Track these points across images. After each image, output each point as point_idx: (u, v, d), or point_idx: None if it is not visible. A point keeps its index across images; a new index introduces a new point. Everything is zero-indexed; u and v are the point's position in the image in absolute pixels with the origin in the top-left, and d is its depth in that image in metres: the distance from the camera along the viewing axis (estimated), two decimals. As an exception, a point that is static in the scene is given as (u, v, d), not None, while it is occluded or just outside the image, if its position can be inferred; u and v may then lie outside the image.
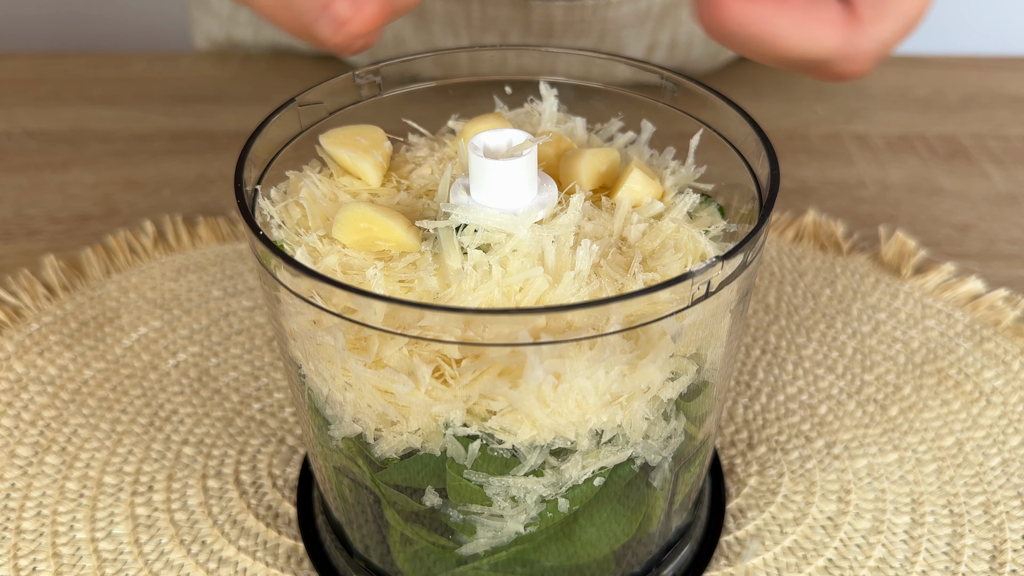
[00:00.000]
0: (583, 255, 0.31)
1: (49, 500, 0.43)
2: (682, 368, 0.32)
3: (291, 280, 0.30)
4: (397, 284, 0.31)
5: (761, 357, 0.51)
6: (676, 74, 0.38)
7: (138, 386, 0.48)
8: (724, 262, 0.30)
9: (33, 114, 0.71)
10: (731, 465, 0.45)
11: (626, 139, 0.39)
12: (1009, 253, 0.59)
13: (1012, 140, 0.69)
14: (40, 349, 0.50)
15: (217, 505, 0.43)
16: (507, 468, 0.32)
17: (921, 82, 0.76)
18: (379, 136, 0.37)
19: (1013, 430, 0.46)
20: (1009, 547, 0.41)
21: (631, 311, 0.29)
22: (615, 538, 0.36)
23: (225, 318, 0.53)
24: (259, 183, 0.35)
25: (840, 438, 0.46)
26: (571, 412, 0.31)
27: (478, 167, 0.33)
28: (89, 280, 0.55)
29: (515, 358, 0.30)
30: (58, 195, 0.63)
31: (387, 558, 0.38)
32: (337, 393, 0.33)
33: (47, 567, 0.40)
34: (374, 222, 0.32)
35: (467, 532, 0.34)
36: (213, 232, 0.59)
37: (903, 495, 0.44)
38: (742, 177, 0.36)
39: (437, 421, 0.31)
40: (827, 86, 0.75)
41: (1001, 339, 0.51)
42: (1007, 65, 0.79)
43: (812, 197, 0.63)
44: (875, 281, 0.55)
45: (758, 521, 0.43)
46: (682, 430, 0.34)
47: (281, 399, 0.48)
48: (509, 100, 0.41)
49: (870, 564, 0.41)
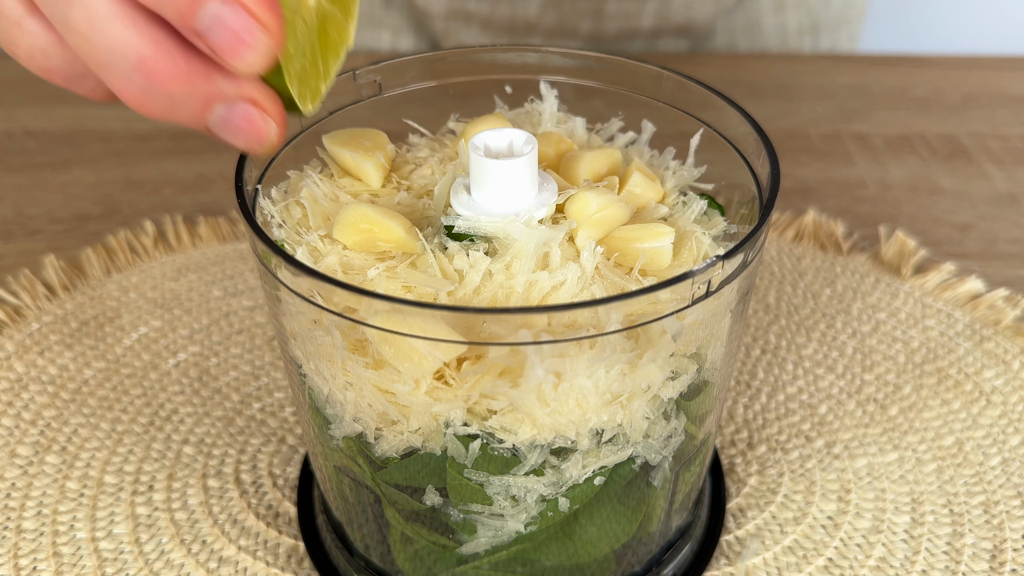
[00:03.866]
0: (587, 256, 0.31)
1: (49, 499, 0.43)
2: (682, 367, 0.32)
3: (292, 279, 0.30)
4: (400, 286, 0.31)
5: (761, 357, 0.51)
6: (676, 74, 0.38)
7: (138, 386, 0.48)
8: (724, 262, 0.30)
9: (33, 114, 0.71)
10: (731, 465, 0.45)
11: (626, 139, 0.39)
12: (1009, 253, 0.59)
13: (1012, 140, 0.69)
14: (40, 349, 0.50)
15: (217, 504, 0.43)
16: (507, 467, 0.32)
17: (921, 82, 0.76)
18: (382, 139, 0.37)
19: (1013, 430, 0.46)
20: (1009, 546, 0.41)
21: (631, 310, 0.29)
22: (615, 537, 0.36)
23: (225, 318, 0.53)
24: (260, 183, 0.35)
25: (840, 438, 0.46)
26: (571, 411, 0.31)
27: (478, 167, 0.33)
28: (89, 280, 0.55)
29: (516, 357, 0.30)
30: (58, 195, 0.63)
31: (387, 557, 0.38)
32: (338, 392, 0.33)
33: (47, 567, 0.40)
34: (374, 223, 0.32)
35: (468, 531, 0.34)
36: (213, 232, 0.59)
37: (903, 495, 0.44)
38: (742, 177, 0.36)
39: (438, 420, 0.31)
40: (827, 86, 0.75)
41: (1001, 339, 0.51)
42: (1007, 65, 0.79)
43: (812, 197, 0.63)
44: (875, 281, 0.55)
45: (758, 520, 0.43)
46: (682, 429, 0.34)
47: (281, 398, 0.48)
48: (509, 100, 0.41)
49: (870, 564, 0.41)
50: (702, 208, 0.35)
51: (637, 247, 0.32)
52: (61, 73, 0.30)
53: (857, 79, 0.77)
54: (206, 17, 0.26)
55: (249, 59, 0.27)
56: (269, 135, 0.29)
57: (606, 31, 0.77)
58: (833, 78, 0.77)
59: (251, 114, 0.29)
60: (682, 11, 0.76)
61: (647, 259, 0.32)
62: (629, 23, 0.76)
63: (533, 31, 0.77)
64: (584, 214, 0.33)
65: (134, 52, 0.27)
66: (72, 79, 0.30)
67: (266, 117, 0.29)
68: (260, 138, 0.29)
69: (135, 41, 0.27)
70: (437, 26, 0.78)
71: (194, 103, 0.28)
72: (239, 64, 0.27)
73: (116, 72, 0.28)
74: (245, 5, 0.26)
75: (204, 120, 0.29)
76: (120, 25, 0.27)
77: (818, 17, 0.80)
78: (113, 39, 0.27)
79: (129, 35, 0.27)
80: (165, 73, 0.27)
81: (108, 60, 0.28)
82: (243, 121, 0.29)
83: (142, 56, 0.27)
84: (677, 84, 0.38)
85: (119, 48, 0.27)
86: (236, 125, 0.29)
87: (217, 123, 0.29)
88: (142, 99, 0.28)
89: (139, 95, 0.28)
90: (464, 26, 0.77)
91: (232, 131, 0.29)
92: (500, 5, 0.74)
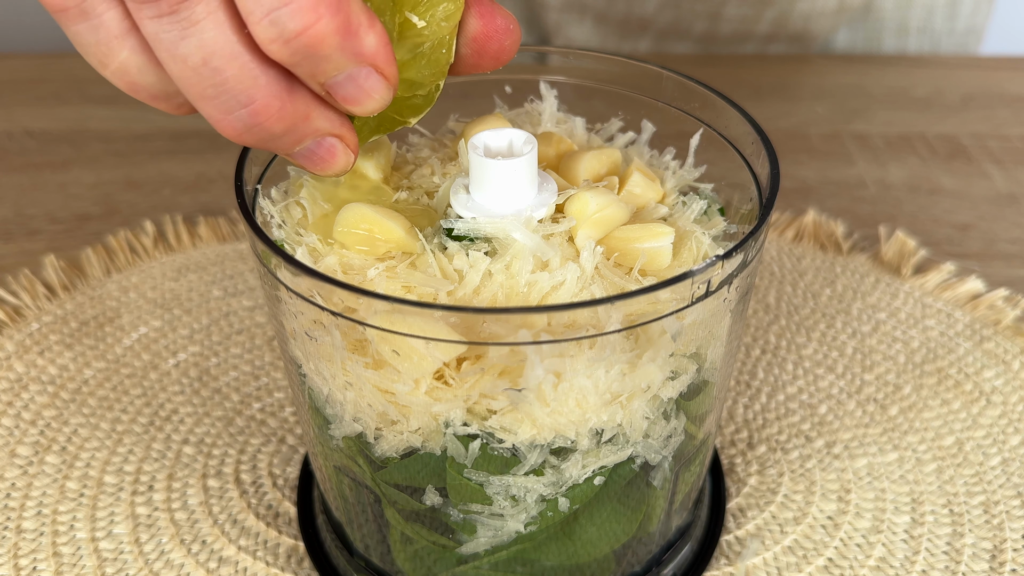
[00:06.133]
0: (587, 256, 0.31)
1: (49, 499, 0.43)
2: (682, 367, 0.32)
3: (292, 279, 0.30)
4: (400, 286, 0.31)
5: (761, 357, 0.51)
6: (676, 74, 0.38)
7: (138, 386, 0.48)
8: (724, 261, 0.30)
9: (33, 114, 0.71)
10: (731, 464, 0.45)
11: (626, 139, 0.39)
12: (1009, 253, 0.59)
13: (1012, 140, 0.69)
14: (40, 349, 0.50)
15: (217, 504, 0.43)
16: (507, 467, 0.32)
17: (921, 82, 0.76)
18: (382, 139, 0.37)
19: (1013, 430, 0.46)
20: (1009, 546, 0.41)
21: (631, 310, 0.29)
22: (615, 537, 0.36)
23: (225, 318, 0.53)
24: (259, 182, 0.35)
25: (840, 438, 0.46)
26: (571, 411, 0.31)
27: (478, 167, 0.33)
28: (89, 280, 0.55)
29: (515, 357, 0.30)
30: (58, 195, 0.63)
31: (387, 557, 0.38)
32: (337, 392, 0.33)
33: (47, 566, 0.40)
34: (374, 223, 0.32)
35: (467, 531, 0.34)
36: (213, 232, 0.59)
37: (903, 495, 0.44)
38: (742, 177, 0.36)
39: (437, 420, 0.31)
40: (827, 86, 0.75)
41: (1001, 339, 0.51)
42: (1007, 65, 0.79)
43: (812, 197, 0.63)
44: (875, 281, 0.55)
45: (758, 520, 0.43)
46: (682, 429, 0.34)
47: (281, 398, 0.48)
48: (509, 100, 0.41)
49: (870, 563, 0.41)
50: (702, 208, 0.35)
51: (637, 247, 0.32)
52: (151, 91, 0.29)
53: (857, 79, 0.77)
54: (340, 76, 0.28)
55: (370, 108, 0.29)
56: (347, 164, 0.31)
57: (720, 33, 0.77)
58: (833, 78, 0.77)
59: (335, 147, 0.30)
60: (800, 22, 0.76)
61: (647, 259, 0.32)
62: (745, 26, 0.76)
63: (646, 29, 0.77)
64: (584, 214, 0.33)
65: (246, 95, 0.28)
66: (161, 99, 0.30)
67: (347, 149, 0.30)
68: (338, 168, 0.31)
69: (250, 84, 0.27)
70: (550, 18, 0.77)
71: (290, 139, 0.29)
72: (359, 111, 0.29)
73: (220, 107, 0.28)
74: (377, 66, 0.28)
75: (292, 151, 0.30)
76: (238, 66, 0.27)
77: (939, 43, 0.81)
78: (227, 79, 0.27)
79: (245, 77, 0.27)
80: (273, 116, 0.28)
81: (215, 95, 0.28)
82: (327, 153, 0.30)
83: (252, 98, 0.28)
84: (677, 84, 0.38)
85: (232, 88, 0.27)
86: (320, 156, 0.30)
87: (302, 153, 0.30)
88: (240, 132, 0.28)
89: (239, 129, 0.28)
90: (578, 20, 0.77)
91: (314, 160, 0.30)
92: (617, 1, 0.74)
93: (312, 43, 0.26)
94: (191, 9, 0.27)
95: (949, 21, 0.80)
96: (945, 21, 0.79)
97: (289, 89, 0.28)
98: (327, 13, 0.26)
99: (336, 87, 0.28)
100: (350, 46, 0.27)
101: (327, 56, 0.27)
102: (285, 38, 0.26)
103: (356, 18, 0.27)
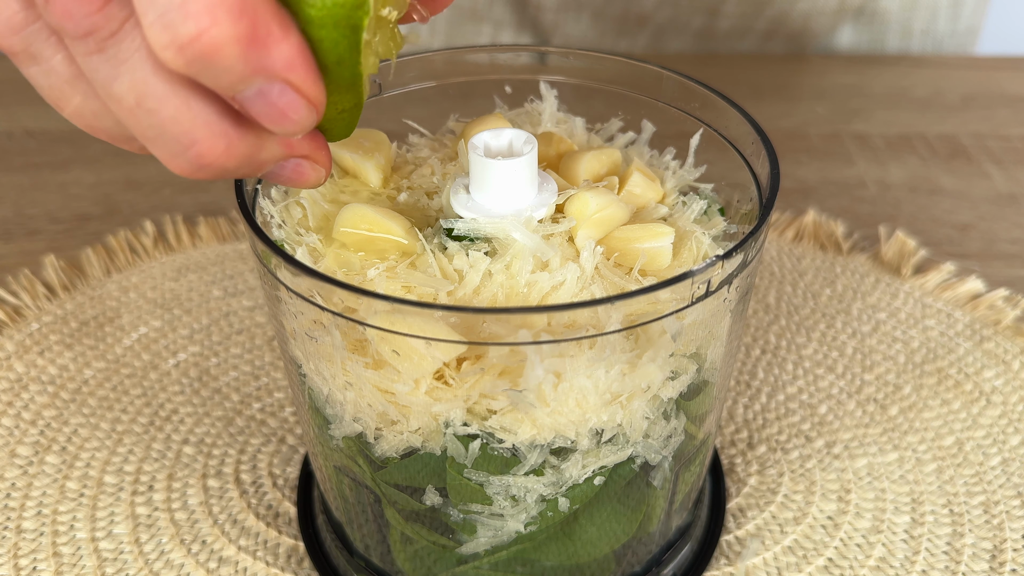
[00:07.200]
0: (587, 256, 0.31)
1: (49, 499, 0.43)
2: (682, 367, 0.32)
3: (292, 279, 0.30)
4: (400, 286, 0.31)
5: (761, 357, 0.51)
6: (676, 74, 0.38)
7: (138, 386, 0.48)
8: (724, 261, 0.30)
9: (33, 114, 0.71)
10: (731, 465, 0.45)
11: (626, 139, 0.39)
12: (1009, 253, 0.59)
13: (1012, 140, 0.69)
14: (40, 349, 0.50)
15: (217, 505, 0.43)
16: (507, 467, 0.32)
17: (921, 82, 0.76)
18: (382, 139, 0.37)
19: (1013, 430, 0.46)
20: (1009, 546, 0.41)
21: (631, 310, 0.29)
22: (615, 537, 0.36)
23: (225, 318, 0.53)
24: (259, 183, 0.35)
25: (840, 438, 0.46)
26: (571, 411, 0.31)
27: (478, 167, 0.33)
28: (89, 280, 0.55)
29: (515, 357, 0.30)
30: (58, 195, 0.63)
31: (387, 557, 0.38)
32: (337, 392, 0.33)
33: (47, 566, 0.40)
34: (374, 223, 0.32)
35: (467, 531, 0.34)
36: (213, 232, 0.59)
37: (903, 495, 0.44)
38: (742, 177, 0.36)
39: (437, 420, 0.31)
40: (827, 86, 0.75)
41: (1001, 339, 0.51)
42: (1007, 65, 0.79)
43: (812, 197, 0.63)
44: (875, 281, 0.55)
45: (758, 520, 0.43)
46: (682, 429, 0.34)
47: (281, 398, 0.48)
48: (509, 100, 0.41)
49: (870, 564, 0.41)
50: (702, 208, 0.35)
51: (637, 247, 0.32)
52: (110, 134, 0.28)
53: (857, 79, 0.77)
54: (249, 92, 0.25)
55: (290, 129, 0.26)
56: (319, 180, 0.30)
57: (718, 28, 0.77)
58: (833, 78, 0.77)
59: (300, 167, 0.29)
60: (800, 21, 0.76)
61: (647, 259, 0.32)
62: (744, 23, 0.76)
63: (645, 24, 0.76)
64: (584, 214, 0.33)
65: (187, 137, 0.26)
66: (122, 140, 0.28)
67: (315, 166, 0.29)
68: (310, 184, 0.30)
69: (188, 125, 0.25)
70: (547, 19, 0.77)
71: (248, 171, 0.28)
72: (280, 132, 0.27)
73: (164, 150, 0.26)
74: (291, 82, 0.25)
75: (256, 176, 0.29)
76: (171, 107, 0.25)
77: (941, 44, 0.81)
78: (164, 120, 0.25)
79: (182, 118, 0.25)
80: (220, 154, 0.26)
81: (156, 137, 0.26)
82: (293, 174, 0.29)
83: (194, 140, 0.26)
84: (677, 84, 0.38)
85: (171, 130, 0.26)
86: (287, 178, 0.29)
87: (269, 176, 0.29)
88: (192, 172, 0.27)
89: (189, 170, 0.27)
90: (575, 18, 0.76)
91: (283, 181, 0.30)
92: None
93: (207, 51, 0.23)
94: (117, 46, 0.25)
95: (951, 22, 0.80)
96: (948, 23, 0.80)
97: (236, 123, 0.26)
98: (225, 18, 0.23)
99: (247, 103, 0.25)
100: (255, 57, 0.24)
101: (229, 68, 0.24)
102: (178, 44, 0.23)
103: (264, 26, 0.24)
